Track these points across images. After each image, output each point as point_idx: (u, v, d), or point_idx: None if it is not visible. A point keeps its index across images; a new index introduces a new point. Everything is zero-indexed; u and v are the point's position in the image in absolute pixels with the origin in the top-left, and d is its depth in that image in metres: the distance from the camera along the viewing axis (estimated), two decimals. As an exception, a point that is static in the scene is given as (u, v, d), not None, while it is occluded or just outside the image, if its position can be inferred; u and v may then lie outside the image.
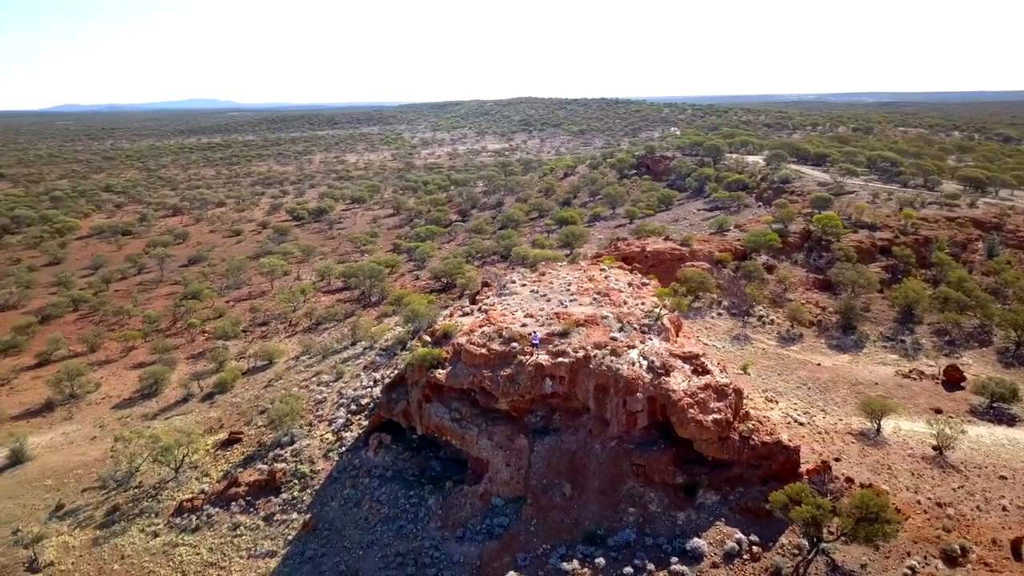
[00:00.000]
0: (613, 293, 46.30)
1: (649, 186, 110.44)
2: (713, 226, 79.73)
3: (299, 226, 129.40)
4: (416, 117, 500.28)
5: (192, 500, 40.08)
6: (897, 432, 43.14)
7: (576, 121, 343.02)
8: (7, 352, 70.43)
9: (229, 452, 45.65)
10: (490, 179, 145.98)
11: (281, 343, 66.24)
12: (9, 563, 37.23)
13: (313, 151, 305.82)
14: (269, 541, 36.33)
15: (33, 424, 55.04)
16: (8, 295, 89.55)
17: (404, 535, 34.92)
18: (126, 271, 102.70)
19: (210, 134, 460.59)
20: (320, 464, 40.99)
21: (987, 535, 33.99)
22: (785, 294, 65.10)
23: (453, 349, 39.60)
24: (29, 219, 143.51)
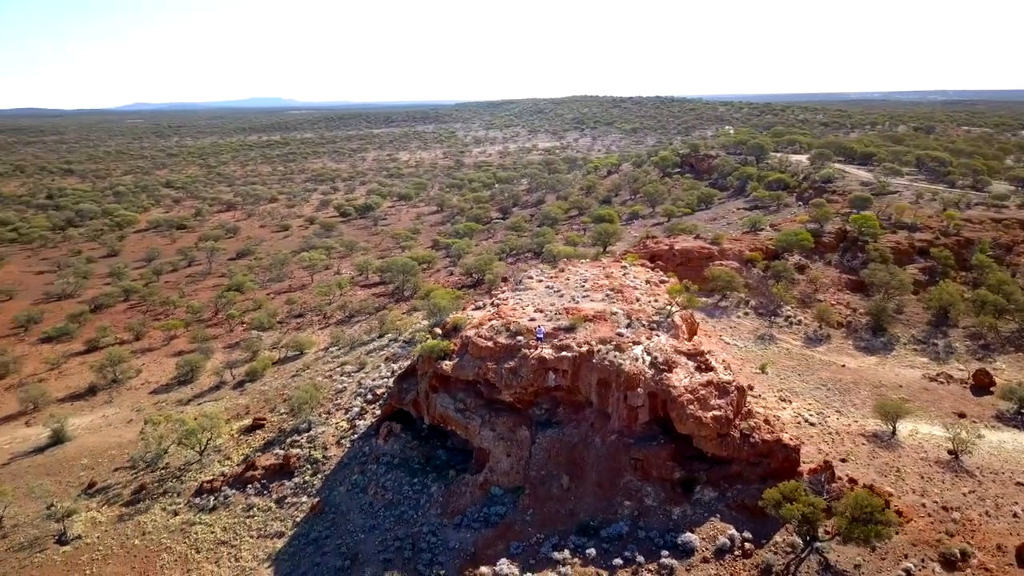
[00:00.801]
0: (627, 290, 46.60)
1: (690, 184, 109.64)
2: (746, 225, 78.96)
3: (345, 222, 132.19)
4: (471, 116, 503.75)
5: (212, 482, 41.83)
6: (914, 435, 42.42)
7: (629, 119, 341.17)
8: (59, 338, 74.04)
9: (251, 437, 47.43)
10: (532, 177, 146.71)
11: (314, 335, 68.16)
12: (41, 535, 39.50)
13: (367, 149, 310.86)
14: (278, 522, 37.80)
15: (76, 407, 57.88)
16: (65, 284, 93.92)
17: (404, 520, 35.98)
18: (177, 263, 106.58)
19: (270, 132, 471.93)
20: (333, 450, 42.38)
21: (992, 540, 33.36)
22: (815, 294, 64.21)
23: (461, 342, 40.50)
24: (92, 213, 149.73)
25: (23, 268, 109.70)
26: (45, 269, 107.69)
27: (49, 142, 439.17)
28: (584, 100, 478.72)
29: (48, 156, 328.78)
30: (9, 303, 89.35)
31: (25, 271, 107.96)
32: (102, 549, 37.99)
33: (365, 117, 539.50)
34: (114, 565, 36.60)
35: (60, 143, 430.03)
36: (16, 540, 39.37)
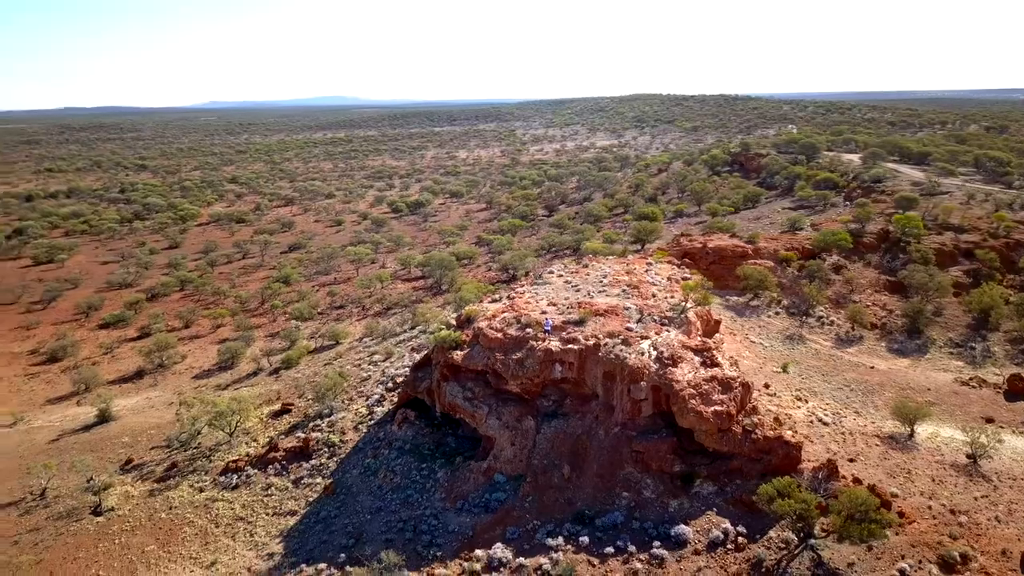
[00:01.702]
0: (643, 286, 46.94)
1: (737, 183, 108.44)
2: (785, 224, 77.98)
3: (397, 218, 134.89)
4: (533, 114, 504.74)
5: (237, 461, 43.85)
6: (933, 438, 41.72)
7: (690, 117, 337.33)
8: (116, 325, 77.94)
9: (279, 421, 49.44)
10: (581, 175, 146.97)
11: (351, 325, 70.21)
12: (79, 506, 42.05)
13: (428, 147, 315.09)
14: (293, 501, 39.52)
15: (123, 389, 61.09)
16: (126, 274, 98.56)
17: (409, 503, 37.23)
18: (232, 256, 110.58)
19: (335, 129, 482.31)
20: (350, 435, 43.97)
21: (998, 545, 32.79)
22: (851, 295, 63.25)
23: (473, 333, 41.56)
24: (158, 206, 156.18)
25: (90, 258, 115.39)
26: (110, 259, 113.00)
27: (127, 139, 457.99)
28: (646, 98, 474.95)
29: (125, 152, 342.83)
30: (74, 291, 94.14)
31: (92, 261, 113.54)
32: (131, 521, 40.27)
33: (428, 115, 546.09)
34: (141, 536, 38.80)
35: (137, 139, 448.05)
36: (56, 510, 41.99)
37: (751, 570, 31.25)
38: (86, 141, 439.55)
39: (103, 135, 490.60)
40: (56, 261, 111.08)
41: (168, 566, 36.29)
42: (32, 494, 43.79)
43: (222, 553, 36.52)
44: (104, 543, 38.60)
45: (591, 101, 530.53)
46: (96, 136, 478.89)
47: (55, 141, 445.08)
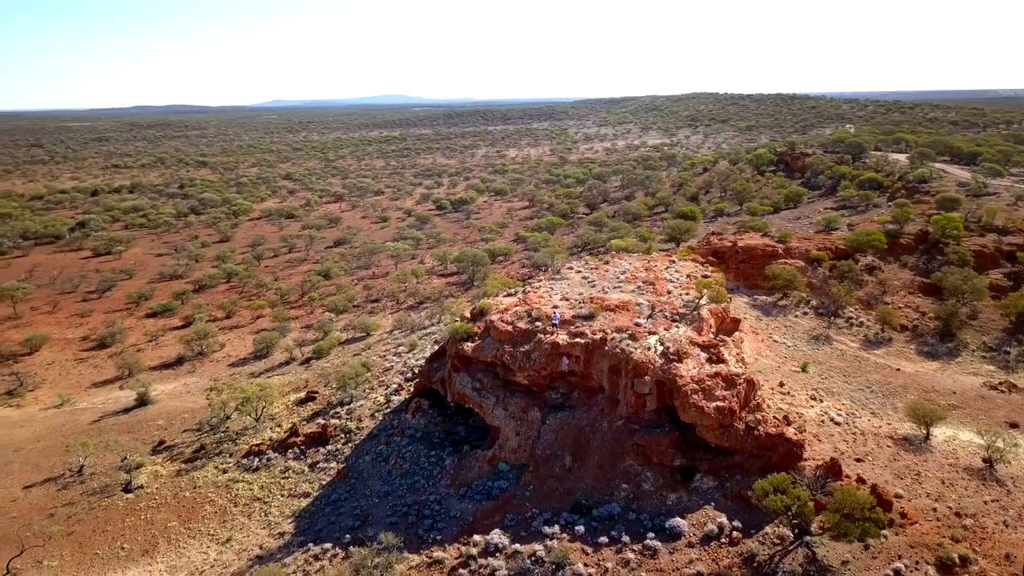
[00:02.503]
0: (659, 283, 47.21)
1: (781, 183, 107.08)
2: (820, 224, 76.95)
3: (440, 215, 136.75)
4: (587, 113, 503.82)
5: (259, 445, 45.65)
6: (950, 441, 41.15)
7: (745, 117, 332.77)
8: (162, 314, 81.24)
9: (303, 408, 51.19)
10: (624, 173, 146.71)
11: (384, 318, 71.86)
12: (111, 483, 44.35)
13: (479, 145, 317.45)
14: (307, 484, 41.05)
15: (163, 374, 63.78)
16: (177, 266, 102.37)
17: (416, 489, 38.37)
18: (278, 250, 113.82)
19: (391, 128, 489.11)
20: (366, 422, 45.37)
21: (1002, 549, 32.31)
22: (883, 296, 62.20)
23: (485, 325, 42.47)
24: (213, 202, 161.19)
25: (146, 250, 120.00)
26: (164, 252, 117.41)
27: (191, 136, 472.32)
28: (702, 97, 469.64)
29: (187, 149, 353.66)
30: (128, 281, 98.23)
31: (147, 253, 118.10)
32: (158, 498, 42.35)
33: (483, 114, 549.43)
34: (164, 512, 40.81)
35: (200, 137, 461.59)
36: (91, 486, 44.37)
37: (743, 564, 31.44)
38: (152, 138, 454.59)
39: (169, 133, 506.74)
40: (114, 253, 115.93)
41: (187, 541, 38.14)
42: (70, 471, 46.31)
43: (237, 531, 38.22)
44: (131, 518, 40.71)
45: (646, 100, 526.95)
46: (162, 134, 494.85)
47: (124, 138, 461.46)
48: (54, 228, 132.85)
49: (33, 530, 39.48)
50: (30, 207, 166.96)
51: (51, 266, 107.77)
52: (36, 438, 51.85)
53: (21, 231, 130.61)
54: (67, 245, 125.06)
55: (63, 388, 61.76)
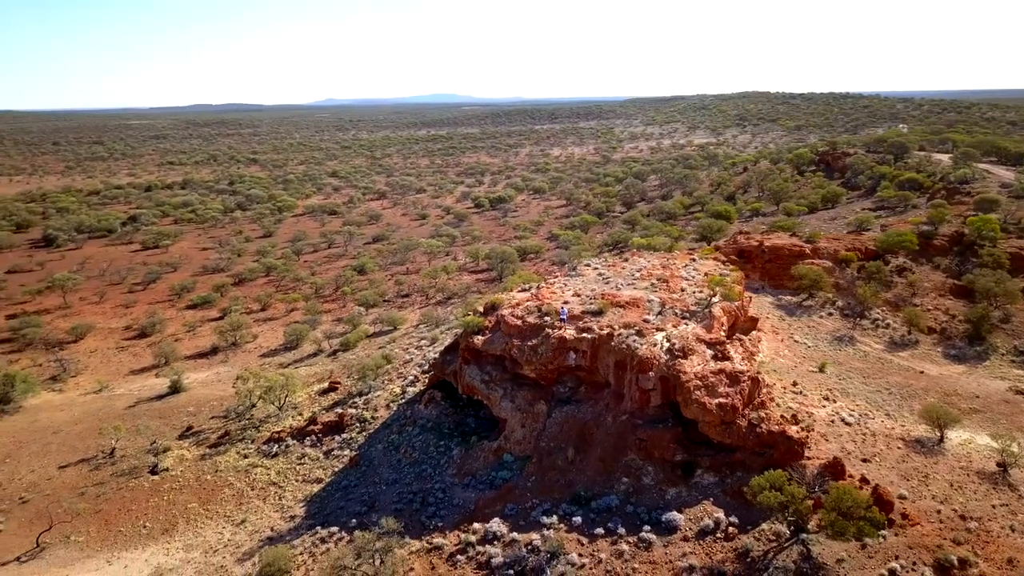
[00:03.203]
0: (674, 280, 47.38)
1: (819, 183, 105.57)
2: (852, 224, 75.89)
3: (478, 213, 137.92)
4: (635, 112, 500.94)
5: (280, 432, 47.15)
6: (965, 445, 40.56)
7: (795, 116, 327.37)
8: (202, 306, 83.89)
9: (325, 398, 52.65)
10: (662, 172, 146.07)
11: (411, 313, 73.16)
12: (139, 465, 46.33)
13: (524, 144, 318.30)
14: (321, 470, 42.37)
15: (197, 364, 66.01)
16: (220, 259, 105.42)
17: (423, 477, 39.35)
18: (318, 245, 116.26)
19: (439, 127, 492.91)
20: (381, 412, 46.55)
21: (1005, 553, 31.89)
22: (912, 298, 61.19)
23: (496, 319, 43.26)
24: (259, 198, 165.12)
25: (192, 244, 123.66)
26: (208, 246, 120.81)
27: (244, 134, 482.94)
28: (752, 96, 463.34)
29: (240, 147, 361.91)
30: (173, 274, 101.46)
31: (193, 247, 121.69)
32: (181, 481, 44.13)
33: (530, 113, 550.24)
34: (186, 494, 42.53)
35: (253, 135, 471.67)
36: (120, 467, 46.41)
37: (736, 559, 31.63)
38: (207, 136, 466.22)
39: (224, 131, 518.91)
40: (161, 246, 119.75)
41: (204, 522, 39.73)
42: (103, 453, 48.44)
43: (252, 513, 39.67)
44: (155, 499, 42.51)
45: (695, 99, 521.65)
46: (217, 132, 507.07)
47: (181, 136, 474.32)
48: (107, 222, 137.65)
49: (63, 507, 41.54)
50: (87, 202, 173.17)
51: (101, 258, 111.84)
52: (74, 421, 54.26)
53: (76, 225, 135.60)
54: (118, 239, 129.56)
55: (103, 375, 64.36)
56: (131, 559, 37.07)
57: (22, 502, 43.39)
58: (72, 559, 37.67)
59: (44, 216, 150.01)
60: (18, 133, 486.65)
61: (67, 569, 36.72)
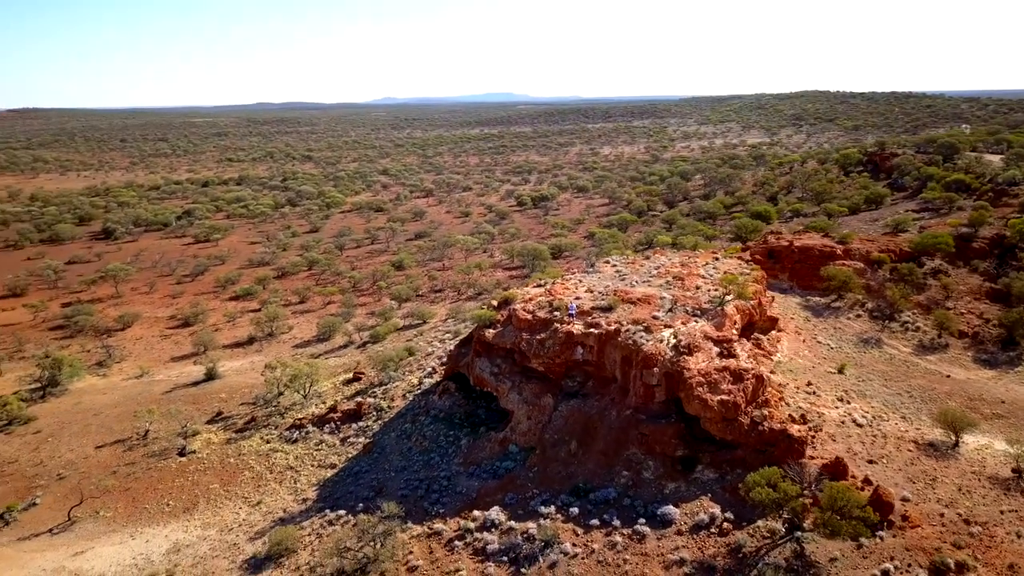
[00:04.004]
0: (689, 278, 47.49)
1: (864, 183, 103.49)
2: (889, 225, 74.44)
3: (521, 211, 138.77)
4: (691, 111, 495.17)
5: (302, 419, 48.79)
6: (981, 450, 39.86)
7: (853, 116, 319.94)
8: (244, 297, 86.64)
9: (348, 387, 54.17)
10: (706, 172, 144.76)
11: (442, 307, 74.44)
12: (169, 447, 48.48)
13: (575, 143, 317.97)
14: (336, 456, 43.78)
15: (234, 352, 68.37)
16: (265, 253, 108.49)
17: (430, 465, 40.39)
18: (361, 241, 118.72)
19: (492, 125, 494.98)
20: (397, 402, 47.78)
21: (1007, 559, 31.40)
22: (946, 301, 59.93)
23: (507, 313, 44.04)
24: (309, 194, 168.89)
25: (241, 238, 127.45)
26: (256, 240, 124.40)
27: (303, 132, 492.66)
28: (810, 95, 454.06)
29: (297, 144, 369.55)
30: (221, 266, 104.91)
31: (242, 241, 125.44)
32: (206, 463, 46.06)
33: (584, 112, 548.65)
34: (209, 476, 44.41)
35: (311, 133, 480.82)
36: (151, 449, 48.64)
37: (728, 554, 31.81)
38: (267, 134, 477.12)
39: (283, 128, 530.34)
40: (211, 240, 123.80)
41: (223, 502, 41.48)
42: (137, 434, 50.80)
43: (268, 495, 41.27)
44: (180, 479, 44.49)
45: (753, 98, 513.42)
46: (277, 130, 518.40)
47: (241, 134, 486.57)
48: (163, 216, 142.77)
49: (94, 484, 43.82)
50: (147, 196, 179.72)
51: (155, 251, 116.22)
52: (114, 404, 56.89)
53: (134, 218, 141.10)
54: (172, 232, 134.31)
55: (145, 361, 67.18)
56: (152, 534, 38.94)
57: (59, 478, 45.87)
58: (99, 532, 39.77)
59: (106, 210, 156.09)
60: (89, 130, 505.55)
61: (93, 542, 38.79)
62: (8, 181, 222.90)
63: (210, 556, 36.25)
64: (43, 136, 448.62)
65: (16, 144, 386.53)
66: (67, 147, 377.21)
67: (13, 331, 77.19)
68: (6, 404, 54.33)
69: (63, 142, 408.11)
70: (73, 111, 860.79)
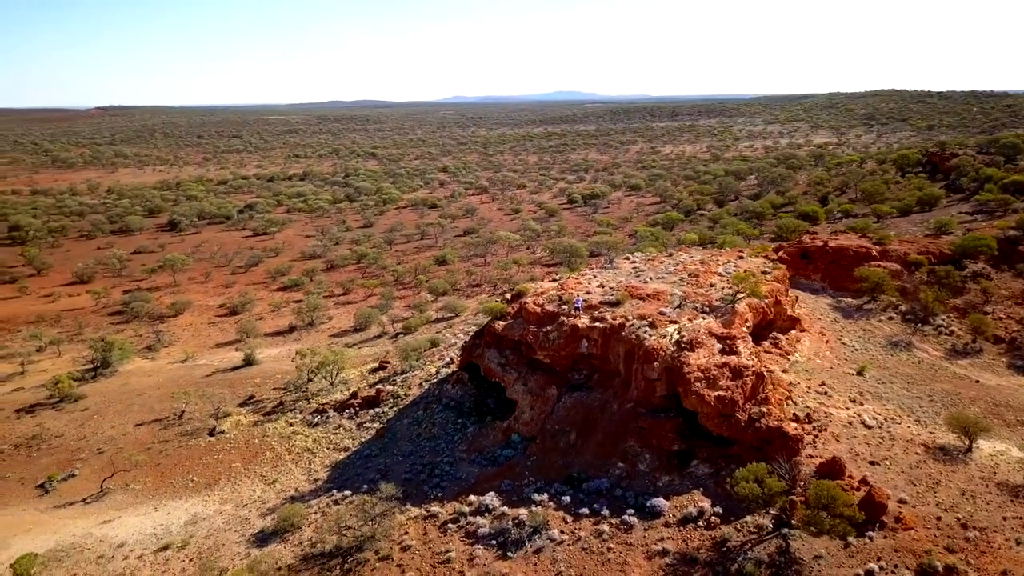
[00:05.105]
0: (704, 276, 47.51)
1: (919, 184, 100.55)
2: (932, 227, 72.45)
3: (570, 209, 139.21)
4: (759, 110, 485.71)
5: (325, 405, 50.70)
6: (996, 456, 38.97)
7: (928, 116, 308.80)
8: (292, 288, 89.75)
9: (373, 376, 55.90)
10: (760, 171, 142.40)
11: (477, 301, 75.72)
12: (201, 428, 51.00)
13: (636, 142, 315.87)
14: (350, 440, 45.44)
15: (274, 340, 71.05)
16: (317, 246, 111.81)
17: (436, 451, 41.62)
18: (411, 236, 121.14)
19: (557, 124, 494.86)
20: (414, 390, 49.18)
21: (1001, 565, 30.81)
22: (984, 305, 58.25)
23: (518, 306, 44.92)
24: (367, 190, 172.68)
25: (297, 232, 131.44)
26: (311, 234, 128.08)
27: (370, 130, 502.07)
28: (884, 95, 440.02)
29: (363, 142, 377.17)
30: (274, 259, 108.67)
31: (298, 234, 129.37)
32: (232, 443, 48.33)
33: (650, 111, 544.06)
34: (233, 455, 46.63)
35: (378, 131, 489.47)
36: (184, 428, 51.24)
37: (712, 547, 32.09)
38: (336, 131, 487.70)
39: (352, 126, 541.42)
40: (268, 233, 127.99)
41: (242, 480, 43.57)
42: (173, 415, 53.53)
43: (284, 475, 43.17)
44: (207, 457, 46.85)
45: (823, 98, 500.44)
46: (345, 127, 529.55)
47: (311, 131, 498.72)
48: (225, 210, 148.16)
49: (127, 459, 46.53)
50: (214, 191, 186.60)
51: (214, 243, 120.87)
52: (157, 386, 59.92)
53: (198, 211, 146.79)
54: (233, 225, 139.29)
55: (191, 346, 70.40)
56: (174, 507, 41.22)
57: (98, 452, 48.80)
58: (126, 503, 42.31)
59: (175, 203, 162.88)
60: (169, 127, 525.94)
61: (120, 512, 41.30)
62: (90, 175, 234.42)
63: (223, 529, 38.23)
64: (126, 133, 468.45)
65: (101, 140, 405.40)
66: (147, 143, 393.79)
67: (76, 315, 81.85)
68: (58, 383, 57.81)
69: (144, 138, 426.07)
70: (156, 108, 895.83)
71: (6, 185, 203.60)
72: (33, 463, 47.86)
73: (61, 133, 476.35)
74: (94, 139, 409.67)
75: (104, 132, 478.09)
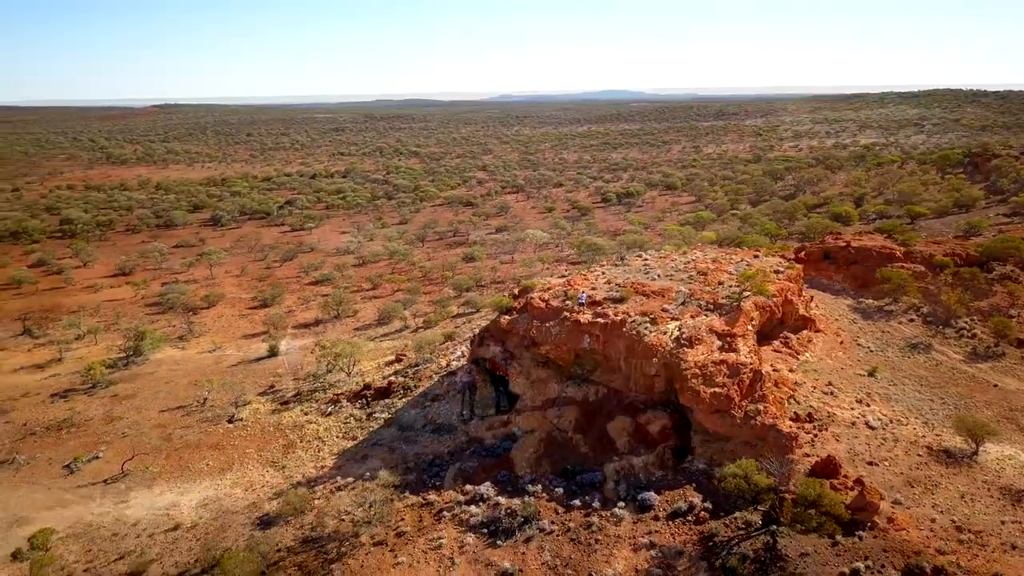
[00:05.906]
0: (712, 274, 47.53)
1: (957, 185, 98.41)
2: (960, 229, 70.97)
3: (603, 207, 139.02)
4: (809, 109, 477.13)
5: (340, 395, 51.96)
6: (1003, 460, 38.43)
7: (982, 116, 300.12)
8: (323, 282, 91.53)
9: (389, 368, 57.01)
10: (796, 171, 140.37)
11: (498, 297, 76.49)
12: (222, 414, 52.67)
13: (679, 141, 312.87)
14: (359, 429, 46.55)
15: (300, 332, 72.71)
16: (351, 242, 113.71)
17: (439, 441, 42.54)
18: (444, 233, 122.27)
19: (601, 122, 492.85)
20: (424, 382, 50.12)
21: (992, 568, 30.51)
22: (1010, 309, 57.05)
23: (525, 301, 45.51)
24: (405, 188, 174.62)
25: (333, 228, 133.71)
26: (347, 230, 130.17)
27: (415, 128, 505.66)
28: (938, 94, 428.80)
29: (407, 140, 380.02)
30: (308, 254, 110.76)
31: (334, 230, 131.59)
32: (248, 430, 49.87)
33: (696, 109, 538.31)
34: (248, 441, 48.12)
35: (423, 129, 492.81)
36: (206, 415, 52.97)
37: (699, 542, 32.32)
38: (382, 130, 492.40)
39: (397, 124, 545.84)
40: (305, 229, 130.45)
41: (254, 465, 44.97)
42: (196, 402, 55.32)
43: (293, 462, 44.46)
44: (223, 443, 48.42)
45: (875, 97, 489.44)
46: (391, 125, 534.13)
47: (358, 129, 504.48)
48: (266, 206, 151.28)
49: (149, 443, 48.36)
50: (258, 187, 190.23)
51: (252, 237, 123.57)
52: (184, 375, 61.94)
53: (240, 207, 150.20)
54: (273, 220, 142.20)
55: (220, 337, 72.46)
56: (187, 489, 42.81)
57: (123, 436, 50.73)
58: (144, 484, 43.99)
59: (219, 199, 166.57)
60: (220, 125, 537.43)
61: (138, 492, 43.02)
62: (141, 171, 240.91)
63: (231, 511, 39.62)
64: (179, 130, 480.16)
65: (154, 137, 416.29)
66: (198, 140, 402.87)
67: (115, 306, 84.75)
68: (91, 369, 60.14)
69: (195, 135, 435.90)
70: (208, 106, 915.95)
71: (61, 180, 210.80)
72: (62, 445, 49.96)
73: (117, 130, 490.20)
74: (147, 136, 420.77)
75: (158, 129, 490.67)
